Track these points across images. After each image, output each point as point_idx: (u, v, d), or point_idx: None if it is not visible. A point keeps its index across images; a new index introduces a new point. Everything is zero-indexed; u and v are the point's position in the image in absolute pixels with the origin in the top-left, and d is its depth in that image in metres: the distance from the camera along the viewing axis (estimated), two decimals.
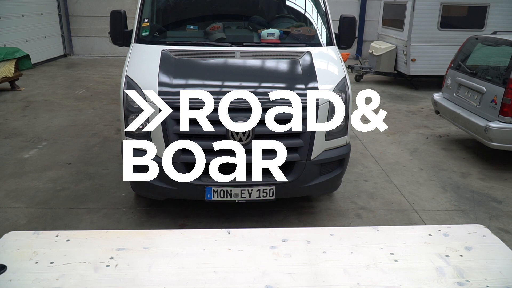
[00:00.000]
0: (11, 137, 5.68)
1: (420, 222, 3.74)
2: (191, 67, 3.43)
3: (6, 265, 1.51)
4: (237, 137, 3.05)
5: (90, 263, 1.55)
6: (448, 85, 5.74)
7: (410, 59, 8.94)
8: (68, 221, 3.63)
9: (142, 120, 3.09)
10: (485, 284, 1.47)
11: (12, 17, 10.24)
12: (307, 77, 3.33)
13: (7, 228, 3.40)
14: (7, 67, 7.84)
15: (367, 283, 1.47)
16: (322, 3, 4.16)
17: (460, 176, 4.75)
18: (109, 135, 5.77)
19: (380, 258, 1.63)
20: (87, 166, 4.75)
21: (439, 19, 8.71)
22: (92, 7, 12.92)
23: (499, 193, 4.33)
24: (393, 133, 6.25)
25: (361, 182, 4.50)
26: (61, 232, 1.76)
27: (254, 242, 1.73)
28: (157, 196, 3.47)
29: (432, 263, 1.60)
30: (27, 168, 4.68)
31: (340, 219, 3.75)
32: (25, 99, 7.67)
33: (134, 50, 3.66)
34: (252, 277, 1.49)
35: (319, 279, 1.49)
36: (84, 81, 9.42)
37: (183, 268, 1.54)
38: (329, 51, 3.84)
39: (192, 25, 4.10)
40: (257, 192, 3.20)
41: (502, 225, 3.72)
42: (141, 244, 1.68)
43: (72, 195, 4.08)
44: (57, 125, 6.16)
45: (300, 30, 4.06)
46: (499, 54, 5.04)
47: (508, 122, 4.55)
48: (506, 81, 4.58)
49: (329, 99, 3.24)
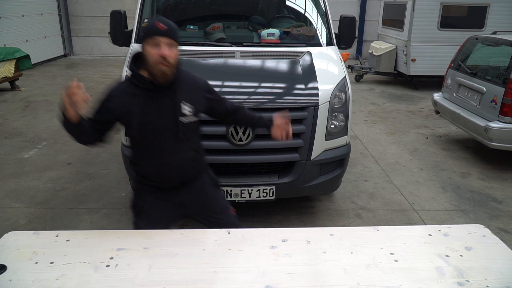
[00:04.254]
0: (11, 137, 5.68)
1: (420, 222, 3.73)
2: (191, 67, 3.42)
3: (6, 265, 1.51)
4: (237, 137, 3.05)
5: (90, 263, 1.55)
6: (448, 85, 5.74)
7: (410, 59, 8.94)
8: (68, 221, 3.63)
9: None
10: (485, 284, 1.47)
11: (12, 17, 10.23)
12: (307, 77, 3.33)
13: (7, 228, 3.40)
14: (7, 67, 7.84)
15: (367, 283, 1.47)
16: (322, 3, 4.16)
17: (460, 176, 4.75)
18: None
19: (380, 258, 1.63)
20: (87, 166, 4.75)
21: (439, 19, 8.71)
22: (92, 7, 12.92)
23: (499, 193, 4.33)
24: (393, 133, 6.25)
25: (361, 182, 4.50)
26: (61, 232, 1.76)
27: (254, 242, 1.73)
28: None
29: (432, 263, 1.60)
30: (27, 168, 4.68)
31: (340, 219, 3.75)
32: (25, 99, 7.67)
33: (134, 50, 3.65)
34: (252, 277, 1.49)
35: (319, 279, 1.49)
36: (84, 81, 9.42)
37: (183, 268, 1.54)
38: (329, 51, 3.84)
39: (192, 25, 4.10)
40: (257, 192, 3.20)
41: (502, 225, 3.72)
42: (141, 244, 1.68)
43: (72, 195, 4.08)
44: (57, 125, 6.16)
45: (300, 30, 4.05)
46: (499, 54, 5.04)
47: (508, 122, 4.55)
48: (506, 81, 4.58)
49: (329, 99, 3.24)
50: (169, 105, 1.94)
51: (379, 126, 6.56)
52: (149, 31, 1.84)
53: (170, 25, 1.84)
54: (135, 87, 1.92)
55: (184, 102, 1.97)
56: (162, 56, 1.80)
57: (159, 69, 1.83)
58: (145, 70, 1.90)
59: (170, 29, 1.83)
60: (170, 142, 1.98)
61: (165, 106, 1.94)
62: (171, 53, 1.83)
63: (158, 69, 1.83)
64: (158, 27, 1.80)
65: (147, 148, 2.03)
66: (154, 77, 1.87)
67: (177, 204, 2.14)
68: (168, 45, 1.82)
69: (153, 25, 1.83)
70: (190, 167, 2.11)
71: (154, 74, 1.85)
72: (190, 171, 2.12)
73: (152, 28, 1.82)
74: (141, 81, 1.90)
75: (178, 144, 2.00)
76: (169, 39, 1.82)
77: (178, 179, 2.10)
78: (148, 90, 1.92)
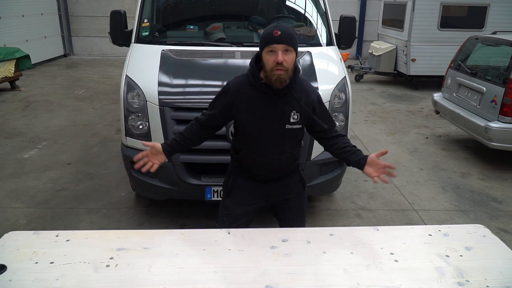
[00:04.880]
0: (11, 137, 5.68)
1: (420, 222, 3.73)
2: (191, 67, 3.43)
3: (6, 265, 1.50)
4: None
5: (90, 263, 1.55)
6: (448, 85, 5.74)
7: (410, 59, 8.94)
8: (68, 221, 3.63)
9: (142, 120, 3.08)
10: (485, 284, 1.47)
11: (12, 17, 10.23)
12: (307, 77, 3.31)
13: (7, 228, 3.40)
14: (7, 67, 7.84)
15: (367, 283, 1.47)
16: (322, 3, 4.16)
17: (460, 176, 4.75)
18: (109, 135, 5.77)
19: (380, 258, 1.63)
20: (87, 166, 4.75)
21: (439, 19, 8.71)
22: (92, 7, 12.92)
23: (499, 193, 4.33)
24: (393, 133, 6.25)
25: (361, 182, 4.50)
26: (61, 232, 1.76)
27: (254, 242, 1.73)
28: (157, 196, 3.47)
29: (432, 263, 1.59)
30: (27, 168, 4.68)
31: (340, 219, 3.75)
32: (25, 99, 7.67)
33: (134, 50, 3.66)
34: (252, 277, 1.49)
35: (319, 279, 1.49)
36: (84, 81, 9.42)
37: (183, 268, 1.54)
38: (329, 51, 3.84)
39: (192, 25, 4.09)
40: None
41: (502, 225, 3.72)
42: (141, 244, 1.68)
43: (72, 195, 4.08)
44: (57, 125, 6.16)
45: (300, 30, 4.05)
46: (499, 54, 5.04)
47: (508, 122, 4.55)
48: (506, 81, 4.58)
49: (329, 99, 3.25)
50: (279, 111, 2.02)
51: (379, 126, 6.56)
52: (265, 38, 1.91)
53: (285, 31, 1.90)
54: (252, 86, 2.02)
55: (293, 110, 2.04)
56: (278, 62, 1.87)
57: (275, 74, 1.90)
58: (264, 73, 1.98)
59: (284, 35, 1.89)
60: (273, 144, 2.08)
61: (276, 110, 2.02)
62: (287, 59, 1.89)
63: (274, 74, 1.91)
64: (273, 34, 1.88)
65: (250, 144, 2.13)
66: (270, 82, 1.95)
67: (264, 195, 2.25)
68: (283, 51, 1.88)
69: (269, 33, 1.90)
70: (286, 167, 2.22)
71: (271, 79, 1.93)
72: (285, 170, 2.23)
73: (268, 36, 1.90)
74: (258, 82, 1.99)
75: (279, 147, 2.10)
76: (285, 45, 1.88)
77: (271, 175, 2.21)
78: (263, 92, 2.00)
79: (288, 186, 2.27)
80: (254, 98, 2.01)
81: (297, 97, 2.03)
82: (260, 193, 2.24)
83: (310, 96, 2.09)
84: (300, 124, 2.07)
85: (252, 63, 2.03)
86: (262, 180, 2.22)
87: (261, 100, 2.01)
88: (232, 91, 2.04)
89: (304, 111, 2.05)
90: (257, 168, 2.18)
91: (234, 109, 2.04)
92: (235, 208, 2.25)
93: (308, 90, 2.10)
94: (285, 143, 2.10)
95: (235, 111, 2.04)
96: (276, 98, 2.00)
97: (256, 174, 2.21)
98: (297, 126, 2.06)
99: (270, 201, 2.28)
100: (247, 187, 2.24)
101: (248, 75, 2.04)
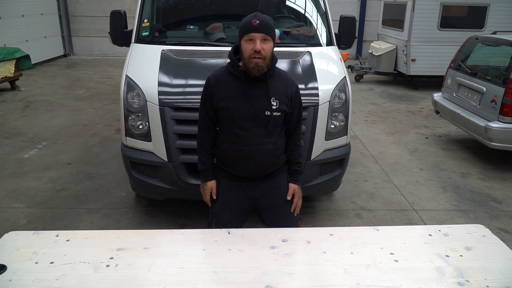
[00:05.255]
0: (11, 137, 5.68)
1: (420, 222, 3.73)
2: (191, 67, 3.43)
3: (6, 265, 1.50)
4: None
5: (90, 263, 1.55)
6: (448, 85, 5.74)
7: (410, 59, 8.94)
8: (68, 221, 3.63)
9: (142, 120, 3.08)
10: (485, 284, 1.47)
11: (12, 17, 10.23)
12: (307, 77, 3.33)
13: (7, 228, 3.40)
14: (7, 67, 7.84)
15: (367, 283, 1.47)
16: (322, 3, 4.16)
17: (460, 176, 4.75)
18: (109, 135, 5.77)
19: (380, 258, 1.63)
20: (87, 166, 4.75)
21: (439, 19, 8.71)
22: (92, 7, 12.91)
23: (499, 193, 4.33)
24: (393, 133, 6.25)
25: (361, 182, 4.50)
26: (61, 232, 1.76)
27: (254, 242, 1.73)
28: (157, 196, 3.47)
29: (432, 263, 1.59)
30: (27, 168, 4.68)
31: (340, 219, 3.75)
32: (25, 99, 7.67)
33: (134, 50, 3.66)
34: (252, 277, 1.49)
35: (319, 279, 1.49)
36: (84, 81, 9.42)
37: (183, 268, 1.54)
38: (329, 51, 3.84)
39: (192, 25, 4.09)
40: None
41: (502, 225, 3.72)
42: (141, 244, 1.68)
43: (72, 195, 4.08)
44: (57, 125, 6.16)
45: (300, 30, 4.05)
46: (499, 54, 5.04)
47: (508, 122, 4.55)
48: (506, 81, 4.58)
49: (329, 99, 3.24)
50: (258, 97, 2.06)
51: (379, 126, 6.56)
52: (244, 27, 1.96)
53: (264, 20, 1.95)
54: (231, 75, 2.07)
55: (272, 97, 2.07)
56: (256, 50, 1.92)
57: (253, 62, 1.95)
58: (242, 61, 2.02)
59: (263, 24, 1.93)
60: (255, 132, 2.09)
61: (254, 97, 2.06)
62: (265, 47, 1.94)
63: (252, 62, 1.95)
64: (252, 23, 1.93)
65: (232, 134, 2.13)
66: (248, 69, 1.99)
67: (250, 197, 2.25)
68: (261, 40, 1.93)
69: (247, 22, 1.95)
70: (269, 161, 2.19)
71: (248, 66, 1.97)
72: (268, 165, 2.21)
73: (247, 25, 1.95)
74: (237, 70, 2.04)
75: (261, 136, 2.11)
76: (263, 34, 1.93)
77: (254, 170, 2.20)
78: (241, 80, 2.04)
79: (276, 188, 2.25)
80: (232, 87, 2.06)
81: (275, 85, 2.08)
82: (246, 194, 2.23)
83: (289, 86, 2.13)
84: (279, 111, 2.09)
85: (231, 52, 2.08)
86: (246, 180, 2.21)
87: (240, 87, 2.05)
88: (212, 82, 2.10)
89: (282, 99, 2.09)
90: (240, 161, 2.17)
91: (214, 98, 2.09)
92: (222, 213, 2.25)
93: (287, 80, 2.16)
94: (266, 131, 2.10)
95: (215, 99, 2.09)
96: (255, 86, 2.05)
97: (238, 170, 2.20)
98: (277, 114, 2.09)
99: (256, 205, 2.26)
100: (232, 188, 2.24)
101: (227, 65, 2.09)
